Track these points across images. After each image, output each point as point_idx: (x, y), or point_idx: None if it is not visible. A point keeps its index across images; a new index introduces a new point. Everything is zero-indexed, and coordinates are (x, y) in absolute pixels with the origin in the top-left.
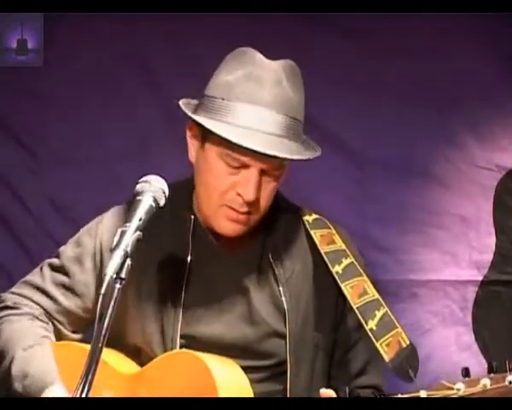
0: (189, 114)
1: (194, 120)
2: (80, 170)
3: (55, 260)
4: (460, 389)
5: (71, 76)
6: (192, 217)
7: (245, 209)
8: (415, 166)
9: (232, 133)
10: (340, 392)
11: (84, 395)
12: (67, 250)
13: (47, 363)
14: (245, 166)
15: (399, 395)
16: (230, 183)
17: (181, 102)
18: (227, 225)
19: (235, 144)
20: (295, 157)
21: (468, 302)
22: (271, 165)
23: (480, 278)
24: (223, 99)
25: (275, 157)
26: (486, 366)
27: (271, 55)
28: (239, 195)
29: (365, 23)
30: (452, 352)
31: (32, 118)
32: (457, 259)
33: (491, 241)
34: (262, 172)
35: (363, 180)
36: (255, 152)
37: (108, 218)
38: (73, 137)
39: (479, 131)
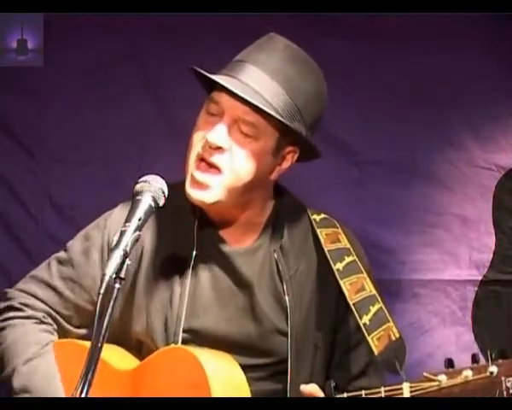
0: (198, 69)
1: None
2: (80, 170)
3: (62, 255)
4: (442, 380)
5: (71, 76)
6: (198, 211)
7: (212, 159)
8: (415, 166)
9: (217, 77)
10: (325, 388)
11: (83, 395)
12: (75, 244)
13: (48, 378)
14: (220, 114)
15: (382, 388)
16: (205, 132)
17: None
18: (194, 191)
19: (215, 83)
20: (260, 105)
21: (467, 302)
22: (244, 115)
23: (480, 278)
24: (235, 61)
25: (243, 100)
26: None
27: None
28: (207, 141)
29: (365, 23)
30: (452, 352)
31: (32, 118)
32: (457, 259)
33: (491, 241)
34: (234, 123)
35: (363, 181)
36: (228, 91)
37: (117, 213)
38: (73, 137)
39: (479, 132)
